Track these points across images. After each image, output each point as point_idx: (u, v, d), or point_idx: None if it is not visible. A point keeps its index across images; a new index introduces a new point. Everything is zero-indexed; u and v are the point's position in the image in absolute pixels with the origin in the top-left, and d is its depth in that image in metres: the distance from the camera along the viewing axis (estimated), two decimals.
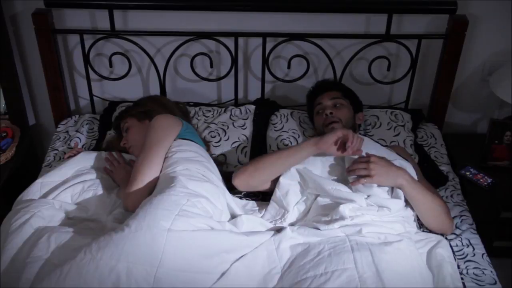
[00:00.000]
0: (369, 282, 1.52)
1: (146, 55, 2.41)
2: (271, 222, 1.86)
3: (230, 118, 2.35)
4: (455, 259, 1.77)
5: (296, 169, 1.89)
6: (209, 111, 2.40)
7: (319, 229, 1.72)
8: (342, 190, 1.80)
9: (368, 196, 1.78)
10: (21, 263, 1.58)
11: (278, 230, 1.79)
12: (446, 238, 1.86)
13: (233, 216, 1.86)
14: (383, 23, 2.32)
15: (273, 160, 1.90)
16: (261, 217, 1.90)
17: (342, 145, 1.82)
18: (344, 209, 1.74)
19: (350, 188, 1.80)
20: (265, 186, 1.96)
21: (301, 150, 1.87)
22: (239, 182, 1.93)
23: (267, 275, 1.64)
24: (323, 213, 1.81)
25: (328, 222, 1.74)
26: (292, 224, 1.84)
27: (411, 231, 1.81)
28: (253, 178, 1.92)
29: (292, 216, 1.87)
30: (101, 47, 2.45)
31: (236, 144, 2.24)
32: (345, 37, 2.39)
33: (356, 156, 1.82)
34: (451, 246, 1.83)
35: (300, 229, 1.74)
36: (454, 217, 1.99)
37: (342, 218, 1.73)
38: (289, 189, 1.88)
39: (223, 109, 2.40)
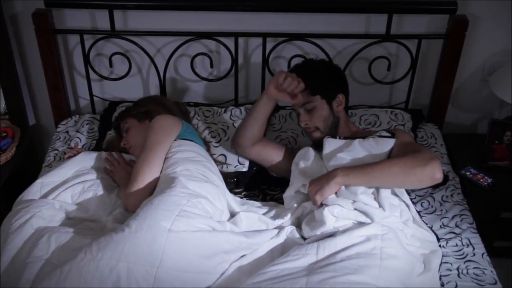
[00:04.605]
0: (323, 261, 1.58)
1: (146, 55, 2.41)
2: (271, 218, 1.87)
3: (230, 118, 2.35)
4: (439, 269, 1.76)
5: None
6: (209, 111, 2.40)
7: (304, 238, 1.78)
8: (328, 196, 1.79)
9: (354, 201, 1.76)
10: (21, 263, 1.58)
11: (277, 228, 1.82)
12: (440, 245, 1.85)
13: (233, 215, 1.86)
14: (383, 23, 2.32)
15: (246, 119, 2.11)
16: (263, 213, 1.91)
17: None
18: (327, 214, 1.73)
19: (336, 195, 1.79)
20: (253, 149, 2.11)
21: (258, 103, 2.04)
22: (232, 143, 2.18)
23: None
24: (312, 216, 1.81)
25: (313, 227, 1.75)
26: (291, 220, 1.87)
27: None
28: (238, 138, 2.12)
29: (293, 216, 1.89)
30: (101, 47, 2.45)
31: None
32: (345, 37, 2.39)
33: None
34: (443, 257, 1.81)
35: (290, 234, 1.79)
36: (454, 216, 1.99)
37: (323, 222, 1.72)
38: (294, 202, 1.91)
39: (223, 109, 2.40)
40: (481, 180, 2.26)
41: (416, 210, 1.86)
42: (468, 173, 2.28)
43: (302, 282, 1.52)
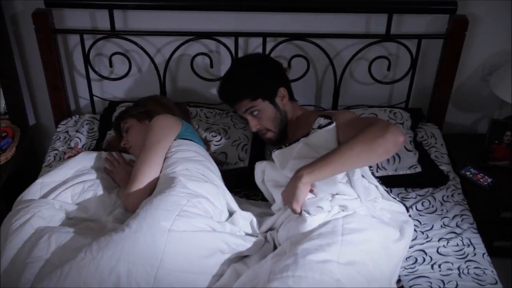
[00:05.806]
0: (289, 249, 1.60)
1: (146, 55, 2.41)
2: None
3: (232, 120, 2.35)
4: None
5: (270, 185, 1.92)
6: (211, 112, 2.41)
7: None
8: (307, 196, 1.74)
9: (333, 196, 1.72)
10: (21, 263, 1.58)
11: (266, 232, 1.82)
12: (409, 215, 1.86)
13: (232, 214, 1.85)
14: (383, 23, 2.32)
15: None
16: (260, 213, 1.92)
17: None
18: (308, 225, 1.68)
19: (314, 194, 1.75)
20: None
21: None
22: None
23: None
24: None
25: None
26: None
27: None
28: None
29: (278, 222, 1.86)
30: (101, 47, 2.45)
31: (237, 143, 2.24)
32: (345, 37, 2.39)
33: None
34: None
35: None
36: (454, 216, 1.99)
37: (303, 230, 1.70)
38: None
39: (225, 111, 2.41)
40: (481, 180, 2.26)
41: (384, 188, 1.85)
42: (468, 173, 2.28)
43: (267, 273, 1.51)
